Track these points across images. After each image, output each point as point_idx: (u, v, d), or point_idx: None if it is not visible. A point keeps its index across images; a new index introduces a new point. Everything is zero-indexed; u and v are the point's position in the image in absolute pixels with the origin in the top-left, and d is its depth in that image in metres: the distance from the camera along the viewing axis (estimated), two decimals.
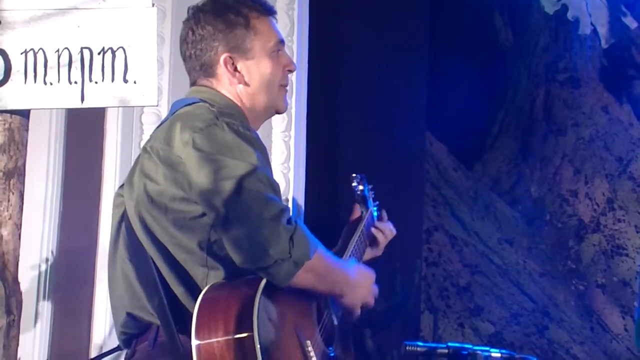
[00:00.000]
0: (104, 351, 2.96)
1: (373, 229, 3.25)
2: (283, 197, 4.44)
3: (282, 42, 2.78)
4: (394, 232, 3.35)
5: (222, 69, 2.68)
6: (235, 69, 2.68)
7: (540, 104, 7.53)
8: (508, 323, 6.70)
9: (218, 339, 2.30)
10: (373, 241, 3.26)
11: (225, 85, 2.69)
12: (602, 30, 7.32)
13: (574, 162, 7.32)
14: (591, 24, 7.32)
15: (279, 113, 2.87)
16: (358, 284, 2.68)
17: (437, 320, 6.68)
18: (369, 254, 3.28)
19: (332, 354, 2.61)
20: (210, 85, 2.69)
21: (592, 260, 7.08)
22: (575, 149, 7.36)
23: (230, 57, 2.67)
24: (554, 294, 6.94)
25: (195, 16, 2.71)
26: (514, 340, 6.61)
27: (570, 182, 7.30)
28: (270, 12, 2.78)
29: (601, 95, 7.36)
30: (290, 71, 2.81)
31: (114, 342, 2.75)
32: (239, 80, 2.68)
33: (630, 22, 7.25)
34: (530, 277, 7.01)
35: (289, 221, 2.41)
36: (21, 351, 3.24)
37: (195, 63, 2.71)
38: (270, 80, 2.73)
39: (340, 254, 3.07)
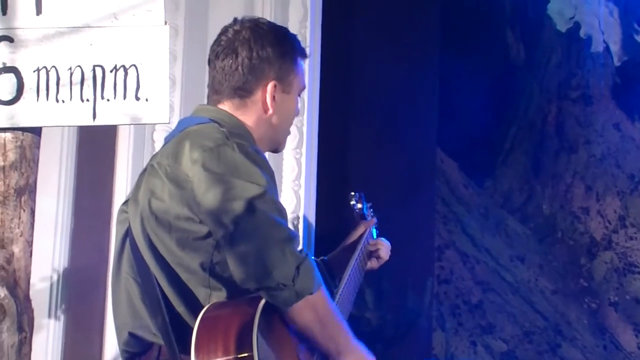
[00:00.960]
0: None
1: (370, 246, 3.25)
2: (294, 214, 4.44)
3: (304, 88, 2.82)
4: (389, 246, 3.35)
5: (260, 94, 2.66)
6: (274, 98, 2.67)
7: (552, 121, 7.52)
8: (520, 341, 6.68)
9: (218, 359, 2.28)
10: (370, 257, 3.27)
11: (250, 109, 2.67)
12: (615, 48, 7.32)
13: (585, 179, 7.31)
14: (604, 41, 7.31)
15: (276, 152, 2.89)
16: (360, 356, 2.59)
17: (449, 338, 6.66)
18: (367, 267, 3.29)
19: None
20: (226, 108, 2.68)
21: (604, 278, 7.05)
22: (587, 166, 7.35)
23: (275, 86, 2.66)
24: (566, 311, 6.92)
25: (256, 32, 2.68)
26: (527, 358, 6.59)
27: (582, 199, 7.28)
28: (307, 55, 2.82)
29: (613, 112, 7.34)
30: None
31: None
32: (273, 109, 2.67)
33: None
34: (542, 294, 6.98)
35: (300, 251, 2.39)
36: None
37: (238, 79, 2.66)
38: (291, 119, 2.77)
39: (339, 268, 3.07)
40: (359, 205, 3.38)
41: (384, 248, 3.30)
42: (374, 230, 3.40)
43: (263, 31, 2.68)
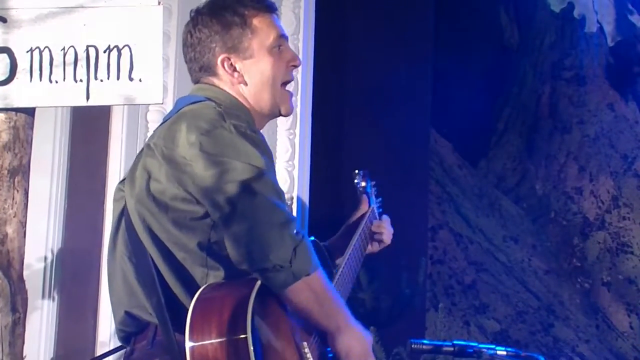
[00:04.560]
0: (109, 349, 2.95)
1: (374, 227, 3.23)
2: (287, 195, 4.43)
3: (283, 37, 2.72)
4: (391, 231, 3.31)
5: (221, 70, 2.66)
6: (234, 69, 2.65)
7: (546, 102, 7.54)
8: (514, 321, 6.71)
9: (212, 341, 2.26)
10: (372, 239, 3.25)
11: (228, 85, 2.67)
12: (609, 28, 7.33)
13: (579, 159, 7.33)
14: (597, 21, 7.32)
15: (283, 115, 2.81)
16: (357, 333, 2.55)
17: (442, 318, 6.68)
18: (368, 250, 3.26)
19: (330, 355, 2.57)
20: (214, 83, 2.67)
21: (597, 258, 7.08)
22: (581, 146, 7.37)
23: (228, 58, 2.63)
24: (559, 291, 6.95)
25: (194, 19, 2.69)
26: (520, 338, 6.61)
27: (575, 179, 7.30)
28: (269, 9, 2.73)
29: (607, 92, 7.36)
30: (295, 66, 2.76)
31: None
32: (239, 80, 2.65)
33: (636, 20, 7.26)
34: (536, 274, 7.01)
35: (297, 232, 2.38)
36: (27, 349, 3.24)
37: (195, 65, 2.68)
38: (271, 78, 2.68)
39: (341, 248, 3.06)
40: (363, 184, 3.34)
41: (387, 232, 3.27)
42: (377, 208, 3.38)
43: (200, 13, 2.68)
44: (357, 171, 3.36)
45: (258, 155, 2.41)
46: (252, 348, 2.22)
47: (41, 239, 4.26)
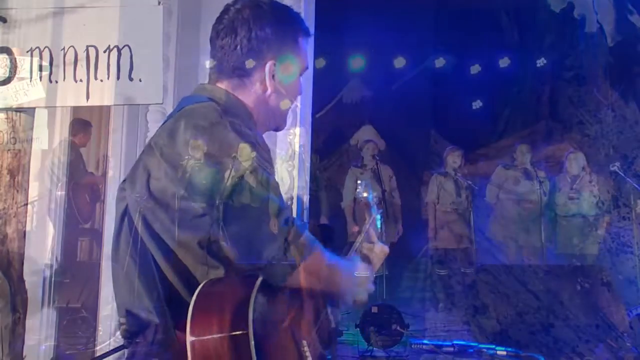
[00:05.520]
0: (109, 349, 2.95)
1: (365, 250, 3.23)
2: (288, 195, 4.43)
3: (307, 68, 2.77)
4: (386, 251, 3.32)
5: (259, 73, 2.65)
6: (272, 77, 2.65)
7: (546, 102, 7.54)
8: (513, 321, 6.70)
9: (213, 336, 2.27)
10: (369, 254, 3.25)
11: (249, 89, 2.66)
12: (608, 28, 7.33)
13: (579, 159, 7.32)
14: (597, 22, 7.32)
15: (277, 130, 2.85)
16: (354, 282, 2.64)
17: (442, 318, 6.68)
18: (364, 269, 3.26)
19: (329, 357, 2.58)
20: (224, 86, 2.67)
21: (597, 258, 7.08)
22: (581, 146, 7.36)
23: (274, 65, 2.64)
24: (559, 292, 6.94)
25: (256, 12, 2.66)
26: (520, 338, 6.61)
27: (575, 179, 7.29)
28: (309, 34, 2.77)
29: (607, 92, 7.36)
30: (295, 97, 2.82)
31: (119, 339, 2.74)
32: (272, 88, 2.66)
33: (636, 20, 7.26)
34: (536, 274, 7.01)
35: (286, 221, 2.39)
36: (26, 349, 3.24)
37: (236, 59, 2.65)
38: (293, 99, 2.73)
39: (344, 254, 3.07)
40: (364, 194, 3.36)
41: (373, 254, 3.28)
42: (378, 222, 3.38)
43: (263, 11, 2.66)
44: (359, 182, 3.38)
45: (251, 152, 2.41)
46: (253, 343, 2.23)
47: (41, 239, 4.26)
